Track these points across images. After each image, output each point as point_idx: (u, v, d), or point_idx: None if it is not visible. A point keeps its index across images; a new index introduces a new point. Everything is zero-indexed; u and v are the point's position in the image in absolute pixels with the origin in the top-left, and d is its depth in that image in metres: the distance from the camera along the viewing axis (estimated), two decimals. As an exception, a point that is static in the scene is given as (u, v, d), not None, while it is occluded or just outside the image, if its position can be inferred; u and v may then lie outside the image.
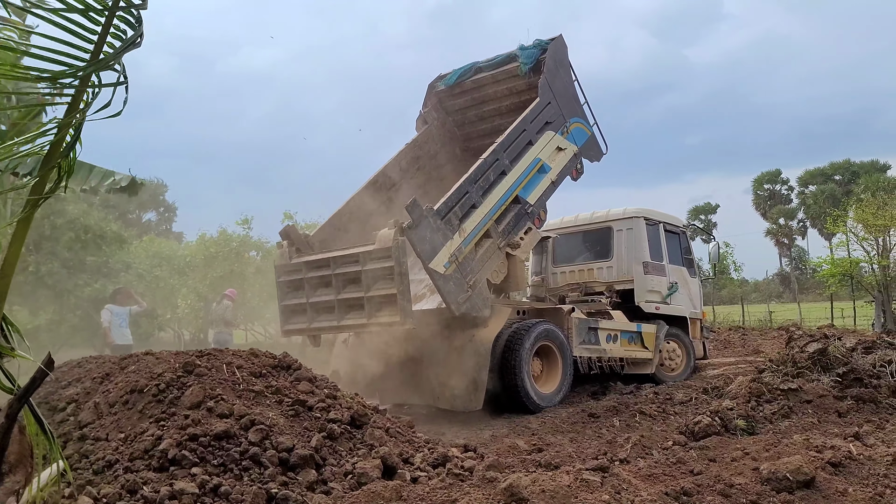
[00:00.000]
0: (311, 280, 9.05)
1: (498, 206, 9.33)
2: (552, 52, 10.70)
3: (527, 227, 9.74)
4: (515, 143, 9.84)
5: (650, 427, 7.42)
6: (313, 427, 5.10)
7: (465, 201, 8.96)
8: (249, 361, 5.76)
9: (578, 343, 10.10)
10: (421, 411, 9.28)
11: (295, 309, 9.36)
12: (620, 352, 10.90)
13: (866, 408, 7.75)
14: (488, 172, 9.34)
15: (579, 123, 10.92)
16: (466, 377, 8.51)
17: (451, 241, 8.50)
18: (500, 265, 9.27)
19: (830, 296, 25.17)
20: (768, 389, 8.15)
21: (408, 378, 9.33)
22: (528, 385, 9.06)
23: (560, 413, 8.61)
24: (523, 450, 6.55)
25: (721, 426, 6.90)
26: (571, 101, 10.90)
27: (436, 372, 8.78)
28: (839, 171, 75.90)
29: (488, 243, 9.14)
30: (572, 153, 10.73)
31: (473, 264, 8.79)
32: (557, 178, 10.45)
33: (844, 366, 8.41)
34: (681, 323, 12.42)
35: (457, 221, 8.72)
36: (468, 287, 8.53)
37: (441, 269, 8.27)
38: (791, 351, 8.88)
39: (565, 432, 7.56)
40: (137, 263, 19.27)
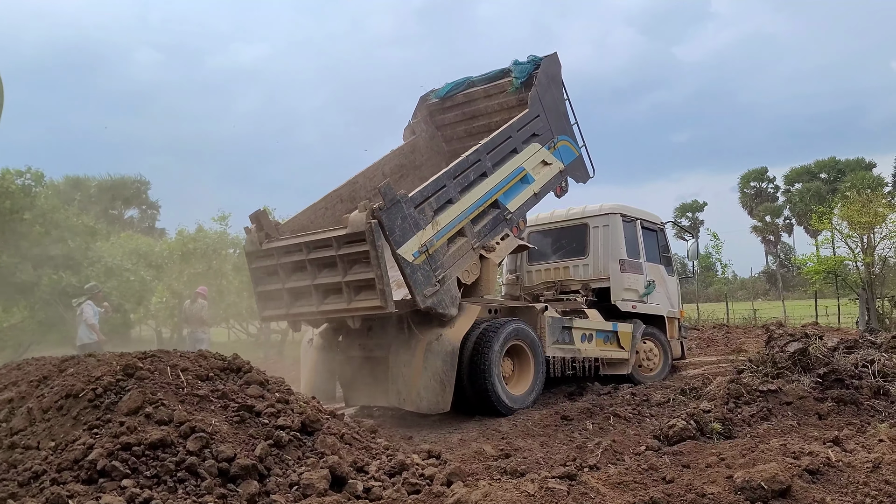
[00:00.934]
0: (284, 265, 8.86)
1: (476, 206, 9.19)
2: (545, 67, 10.72)
3: (504, 234, 9.60)
4: (500, 148, 9.79)
5: (624, 430, 7.15)
6: (259, 434, 4.79)
7: (441, 194, 8.81)
8: (196, 364, 5.44)
9: (552, 343, 9.81)
10: (390, 414, 8.99)
11: (271, 295, 9.20)
12: (595, 352, 10.62)
13: (847, 409, 7.51)
14: (469, 171, 9.23)
15: (567, 142, 10.92)
16: (433, 378, 8.20)
17: (423, 232, 8.32)
18: (472, 266, 9.01)
19: (815, 294, 25.02)
20: (747, 391, 7.89)
21: (374, 379, 9.06)
22: (499, 387, 8.77)
23: (533, 415, 8.33)
24: (490, 455, 6.26)
25: (696, 430, 6.64)
26: (561, 119, 10.89)
27: (402, 373, 8.46)
28: (825, 169, 76.14)
29: (462, 241, 8.95)
30: (558, 170, 10.69)
31: (444, 259, 8.58)
32: (540, 191, 10.38)
33: (825, 366, 8.17)
34: (658, 322, 12.17)
35: (431, 213, 8.55)
36: (436, 281, 8.29)
37: (410, 257, 8.06)
38: (771, 351, 8.63)
39: (536, 436, 7.27)
40: (108, 257, 18.80)
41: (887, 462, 5.25)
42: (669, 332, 12.33)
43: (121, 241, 24.84)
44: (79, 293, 16.95)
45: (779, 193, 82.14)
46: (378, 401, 9.13)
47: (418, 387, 8.24)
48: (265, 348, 22.39)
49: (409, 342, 8.50)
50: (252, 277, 9.48)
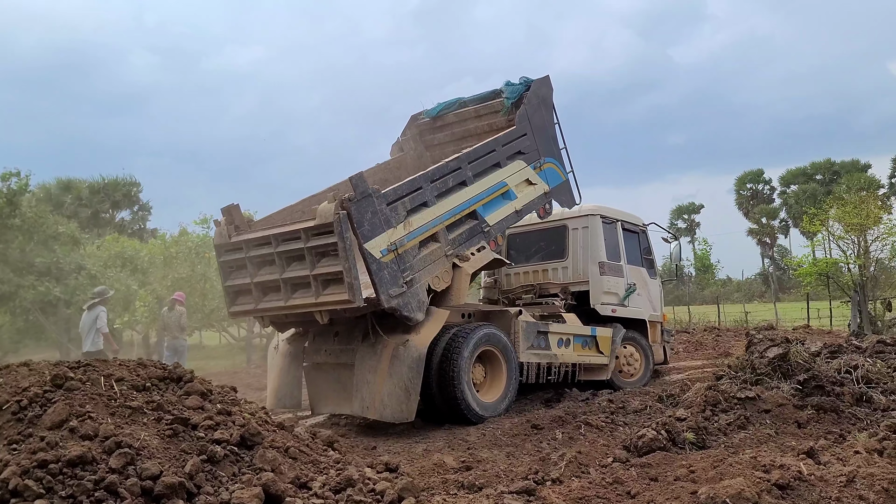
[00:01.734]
0: (253, 259, 8.67)
1: (452, 213, 8.98)
2: (536, 87, 10.63)
3: (480, 245, 9.33)
4: (482, 160, 9.64)
5: (594, 440, 6.87)
6: (192, 449, 4.50)
7: (416, 196, 8.60)
8: (134, 373, 5.16)
9: (526, 348, 9.49)
10: (358, 423, 8.73)
11: (240, 289, 9.00)
12: (573, 357, 10.32)
13: (827, 418, 7.24)
14: (448, 177, 9.07)
15: (554, 165, 10.73)
16: (398, 386, 7.90)
17: (394, 230, 8.10)
18: (443, 273, 8.70)
19: (807, 296, 24.74)
20: (724, 398, 7.62)
21: (341, 386, 8.77)
22: (469, 395, 8.49)
23: (503, 424, 8.06)
24: (450, 467, 5.99)
25: (668, 440, 6.36)
26: (549, 141, 10.71)
27: (367, 380, 8.14)
28: (820, 170, 76.04)
29: (434, 247, 8.69)
30: (542, 191, 10.49)
31: (414, 262, 8.30)
32: (522, 210, 10.17)
33: (806, 372, 7.89)
34: (640, 326, 11.89)
35: (404, 212, 8.33)
36: (403, 282, 8.02)
37: (377, 253, 7.83)
38: (751, 356, 8.36)
39: (503, 446, 6.99)
40: (90, 264, 18.50)
41: (862, 476, 4.98)
42: (651, 336, 12.06)
43: (106, 243, 24.52)
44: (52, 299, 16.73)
45: (775, 195, 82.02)
46: (344, 409, 8.82)
47: (382, 394, 7.93)
48: (250, 352, 22.14)
49: (375, 348, 8.18)
50: (221, 272, 9.29)
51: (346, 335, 8.80)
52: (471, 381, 8.63)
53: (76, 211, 47.17)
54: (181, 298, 15.62)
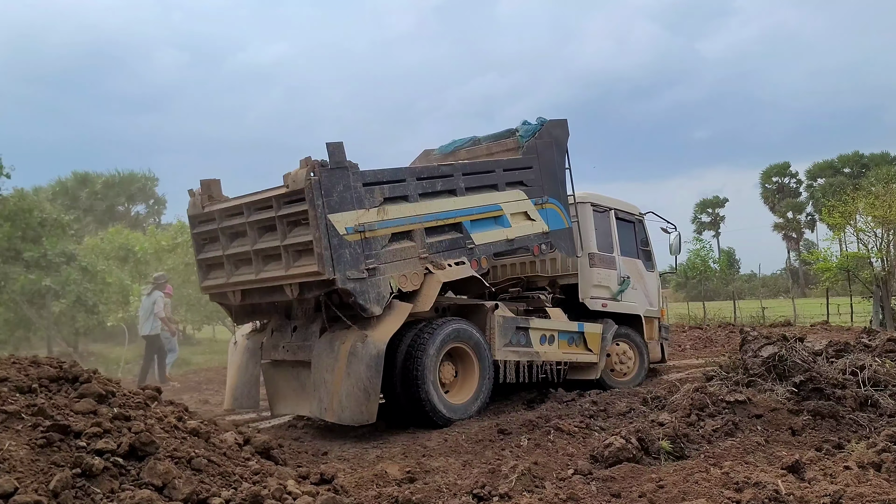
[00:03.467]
0: (225, 230, 8.33)
1: (434, 217, 8.49)
2: (551, 127, 10.17)
3: (460, 260, 8.65)
4: (478, 176, 9.20)
5: (562, 448, 6.22)
6: (66, 461, 3.93)
7: (397, 186, 8.18)
8: (23, 372, 4.61)
9: (503, 345, 8.83)
10: (318, 425, 8.17)
11: (212, 263, 8.68)
12: (558, 355, 9.60)
13: (825, 424, 6.53)
14: (436, 180, 8.67)
15: (557, 207, 10.09)
16: (356, 385, 7.29)
17: (365, 212, 7.69)
18: (413, 274, 8.07)
19: (826, 291, 23.76)
20: (712, 401, 6.94)
21: (300, 385, 8.21)
22: (434, 395, 7.90)
23: (471, 427, 7.43)
24: (392, 479, 5.38)
25: (639, 449, 5.69)
26: (555, 182, 10.14)
27: (324, 379, 7.53)
28: (848, 163, 74.17)
29: (408, 245, 8.17)
30: (541, 230, 9.81)
31: (381, 252, 7.80)
32: (515, 241, 9.51)
33: (804, 373, 7.18)
34: (634, 322, 11.18)
35: (380, 198, 7.91)
36: (365, 268, 7.53)
37: (341, 229, 7.38)
38: (744, 356, 7.67)
39: (462, 453, 6.37)
40: (82, 255, 18.12)
41: (849, 497, 4.30)
42: (647, 332, 11.33)
43: (109, 235, 24.20)
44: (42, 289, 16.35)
45: (801, 189, 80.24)
46: (301, 410, 8.26)
47: (340, 395, 7.33)
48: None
49: (333, 344, 7.59)
50: (194, 244, 9.01)
51: (303, 330, 8.27)
52: (437, 380, 8.06)
53: (92, 205, 47.26)
54: (168, 291, 15.11)
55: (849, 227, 22.24)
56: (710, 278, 49.82)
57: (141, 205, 51.67)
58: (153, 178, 50.82)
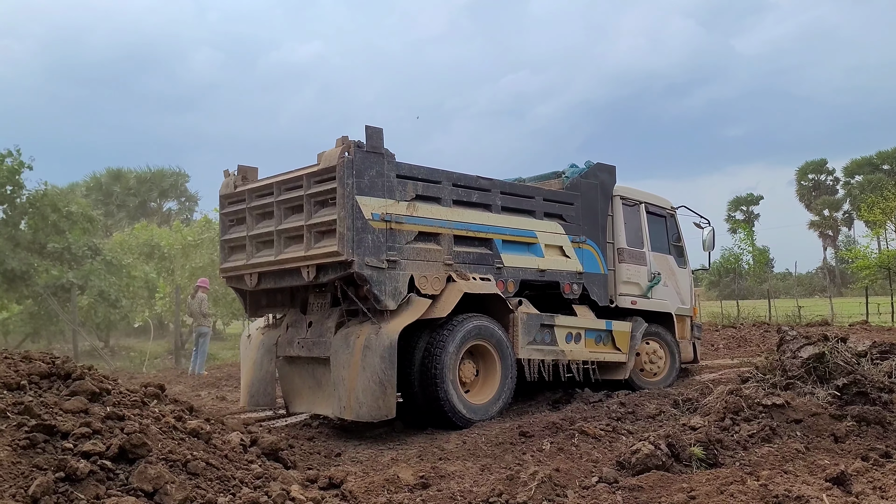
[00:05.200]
0: (253, 210, 8.32)
1: (465, 227, 8.27)
2: (597, 170, 10.12)
3: (486, 277, 8.38)
4: (516, 198, 8.98)
5: (587, 453, 5.86)
6: (49, 464, 3.67)
7: (432, 186, 8.02)
8: (13, 368, 4.37)
9: (526, 343, 8.53)
10: (334, 424, 7.89)
11: (235, 245, 8.63)
12: (585, 354, 9.27)
13: (871, 431, 6.08)
14: (472, 191, 8.46)
15: (594, 250, 9.86)
16: (372, 379, 7.07)
17: (395, 203, 7.57)
18: (434, 279, 7.86)
19: (865, 290, 22.98)
20: (748, 405, 6.52)
21: (316, 383, 8.01)
22: (454, 395, 7.63)
23: (491, 429, 7.10)
24: (404, 484, 5.07)
25: (669, 456, 5.31)
26: (595, 226, 9.93)
27: (342, 376, 7.29)
28: (888, 160, 72.39)
29: (433, 248, 7.95)
30: (575, 268, 9.54)
31: (404, 248, 7.61)
32: (546, 272, 9.18)
33: (847, 375, 6.72)
34: (665, 320, 10.74)
35: (412, 192, 7.79)
36: (385, 259, 7.36)
37: (367, 214, 7.27)
38: (781, 356, 7.22)
39: (481, 457, 6.04)
40: (107, 249, 18.06)
41: (902, 514, 3.89)
42: (679, 331, 10.90)
43: (136, 231, 24.22)
44: (66, 283, 16.31)
45: (838, 186, 78.54)
46: (319, 408, 8.01)
47: (357, 391, 7.10)
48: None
49: (348, 340, 7.37)
50: (221, 225, 8.98)
51: (319, 326, 8.03)
52: (457, 379, 7.79)
53: (124, 200, 47.75)
54: (204, 285, 15.21)
55: (889, 223, 21.50)
56: (743, 276, 48.86)
57: (172, 201, 52.06)
58: (184, 174, 51.22)
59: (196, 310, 14.94)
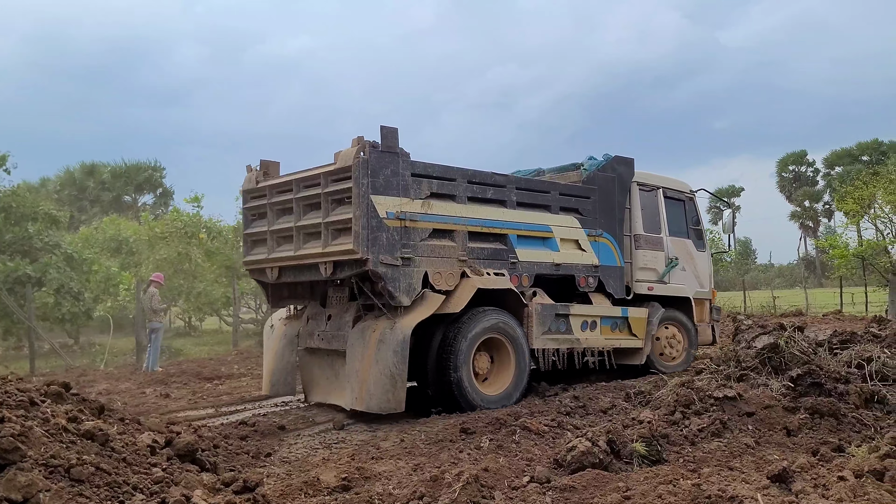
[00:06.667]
0: (274, 206, 8.53)
1: (479, 223, 8.40)
2: (616, 163, 10.13)
3: (500, 272, 8.49)
4: (531, 193, 9.10)
5: (527, 450, 5.56)
6: None
7: (446, 184, 8.15)
8: None
9: (541, 333, 8.71)
10: (272, 422, 7.55)
11: (257, 239, 8.87)
12: (600, 341, 9.44)
13: (824, 423, 5.83)
14: (487, 187, 8.55)
15: (611, 244, 9.94)
16: (383, 373, 7.29)
17: (410, 202, 7.72)
18: (448, 275, 8.00)
19: (840, 280, 22.87)
20: (699, 397, 6.27)
21: (334, 374, 8.29)
22: (468, 388, 7.83)
23: (435, 426, 6.81)
24: (323, 487, 4.75)
25: (608, 453, 5.01)
26: (612, 219, 9.97)
27: (356, 368, 7.52)
28: (867, 151, 72.51)
29: (448, 244, 8.09)
30: (591, 262, 9.63)
31: (419, 244, 7.77)
32: (561, 266, 9.28)
33: (802, 366, 6.47)
34: (683, 304, 10.77)
35: (426, 190, 7.93)
36: (399, 257, 7.52)
37: (382, 212, 7.43)
38: (736, 347, 6.96)
39: (416, 456, 5.72)
40: (68, 243, 17.59)
41: (841, 515, 3.61)
42: (698, 315, 10.92)
43: (103, 225, 23.71)
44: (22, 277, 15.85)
45: (819, 177, 78.74)
46: (334, 399, 8.21)
47: (368, 383, 7.33)
48: (246, 338, 21.03)
49: (364, 334, 7.58)
50: (243, 219, 9.28)
51: (337, 319, 8.30)
52: (471, 371, 7.97)
53: (98, 195, 47.02)
54: (158, 279, 14.77)
55: (867, 214, 21.39)
56: (725, 268, 48.86)
57: (148, 195, 51.31)
58: (160, 167, 50.46)
59: (147, 305, 14.46)
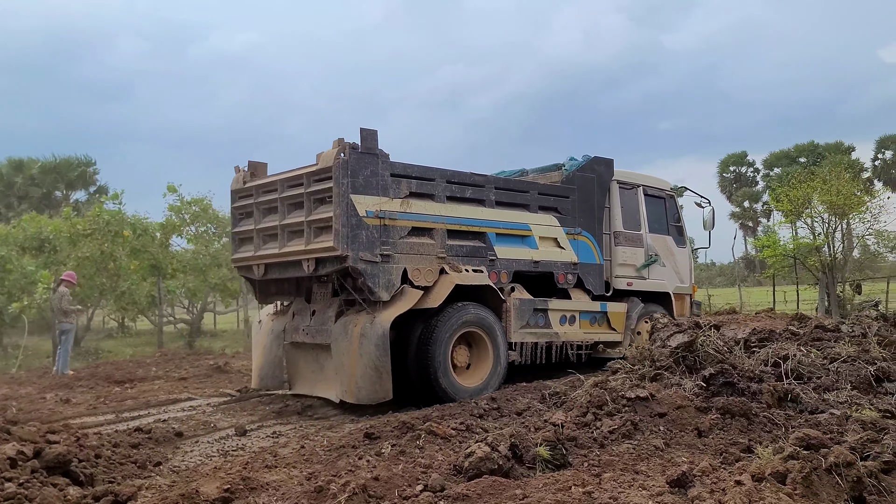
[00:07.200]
0: (260, 205, 8.88)
1: (458, 222, 8.72)
2: (595, 163, 10.46)
3: (479, 269, 8.81)
4: (510, 193, 9.42)
5: (430, 457, 5.28)
6: None
7: (425, 184, 8.47)
8: None
9: (519, 327, 9.10)
10: (170, 428, 7.14)
11: (244, 237, 9.21)
12: (579, 335, 9.79)
13: (735, 424, 5.69)
14: (466, 187, 8.86)
15: (590, 242, 10.27)
16: (368, 366, 7.65)
17: (389, 201, 8.04)
18: (427, 271, 8.31)
19: (773, 278, 23.27)
20: (612, 398, 6.08)
21: (319, 367, 8.57)
22: (444, 381, 8.18)
23: (340, 430, 6.53)
24: (202, 500, 4.40)
25: (510, 458, 4.78)
26: (591, 218, 10.30)
27: (342, 363, 7.88)
28: (804, 153, 74.49)
29: (426, 241, 8.42)
30: (570, 259, 9.98)
31: (398, 242, 8.10)
32: (540, 263, 9.62)
33: (717, 365, 6.35)
34: (664, 299, 11.22)
35: (406, 190, 8.24)
36: (378, 254, 7.85)
37: (362, 211, 7.76)
38: (652, 346, 6.82)
39: (314, 463, 5.39)
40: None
41: (731, 524, 3.42)
42: (678, 309, 11.36)
43: (23, 222, 22.68)
44: None
45: (759, 178, 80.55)
46: (319, 391, 8.51)
47: (356, 376, 7.68)
48: (179, 339, 20.33)
49: (347, 328, 7.91)
50: (232, 218, 9.60)
51: (321, 314, 8.59)
52: (449, 364, 8.32)
53: (27, 191, 45.16)
54: (69, 279, 14.07)
55: (803, 214, 21.79)
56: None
57: (81, 191, 49.50)
58: (91, 162, 48.60)
59: (56, 305, 13.77)
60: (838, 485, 4.25)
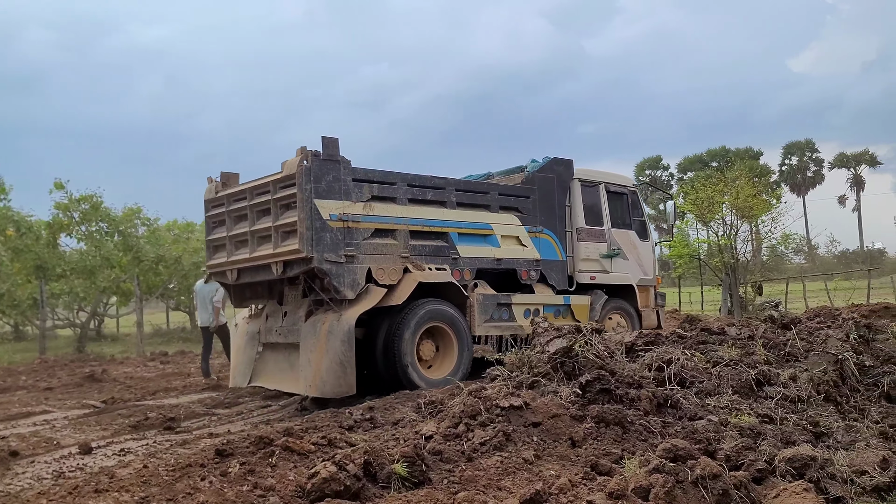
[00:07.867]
0: (231, 213, 9.20)
1: (420, 223, 9.11)
2: (554, 164, 10.83)
3: (441, 267, 9.20)
4: (471, 194, 9.84)
5: (281, 476, 4.83)
6: None
7: (387, 187, 8.86)
8: None
9: (483, 321, 9.53)
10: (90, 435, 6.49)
11: (218, 244, 9.54)
12: None
13: (609, 433, 5.44)
14: (427, 189, 9.27)
15: (552, 239, 10.66)
16: (334, 361, 7.96)
17: (352, 204, 8.43)
18: (391, 270, 8.72)
19: (678, 279, 23.68)
20: (486, 407, 5.76)
21: (288, 366, 8.86)
22: (413, 374, 8.59)
23: (192, 447, 6.01)
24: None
25: (360, 478, 4.37)
26: (552, 216, 10.69)
27: (308, 359, 8.18)
28: (716, 157, 77.07)
29: (390, 242, 8.82)
30: (532, 256, 10.36)
31: (362, 243, 8.49)
32: (502, 260, 10.01)
33: (596, 370, 6.10)
34: (627, 292, 11.60)
35: (368, 194, 8.64)
36: (343, 255, 8.22)
37: (325, 215, 8.12)
38: (530, 351, 6.54)
39: (151, 486, 4.87)
40: None
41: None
42: (642, 301, 11.74)
43: None
44: None
45: (673, 181, 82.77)
46: (287, 386, 8.85)
47: (322, 371, 7.96)
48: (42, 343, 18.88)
49: (315, 327, 8.26)
50: (206, 226, 9.90)
51: (292, 315, 8.95)
52: (415, 358, 8.70)
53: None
54: None
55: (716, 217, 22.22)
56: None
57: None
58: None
59: None
60: (704, 498, 4.04)
